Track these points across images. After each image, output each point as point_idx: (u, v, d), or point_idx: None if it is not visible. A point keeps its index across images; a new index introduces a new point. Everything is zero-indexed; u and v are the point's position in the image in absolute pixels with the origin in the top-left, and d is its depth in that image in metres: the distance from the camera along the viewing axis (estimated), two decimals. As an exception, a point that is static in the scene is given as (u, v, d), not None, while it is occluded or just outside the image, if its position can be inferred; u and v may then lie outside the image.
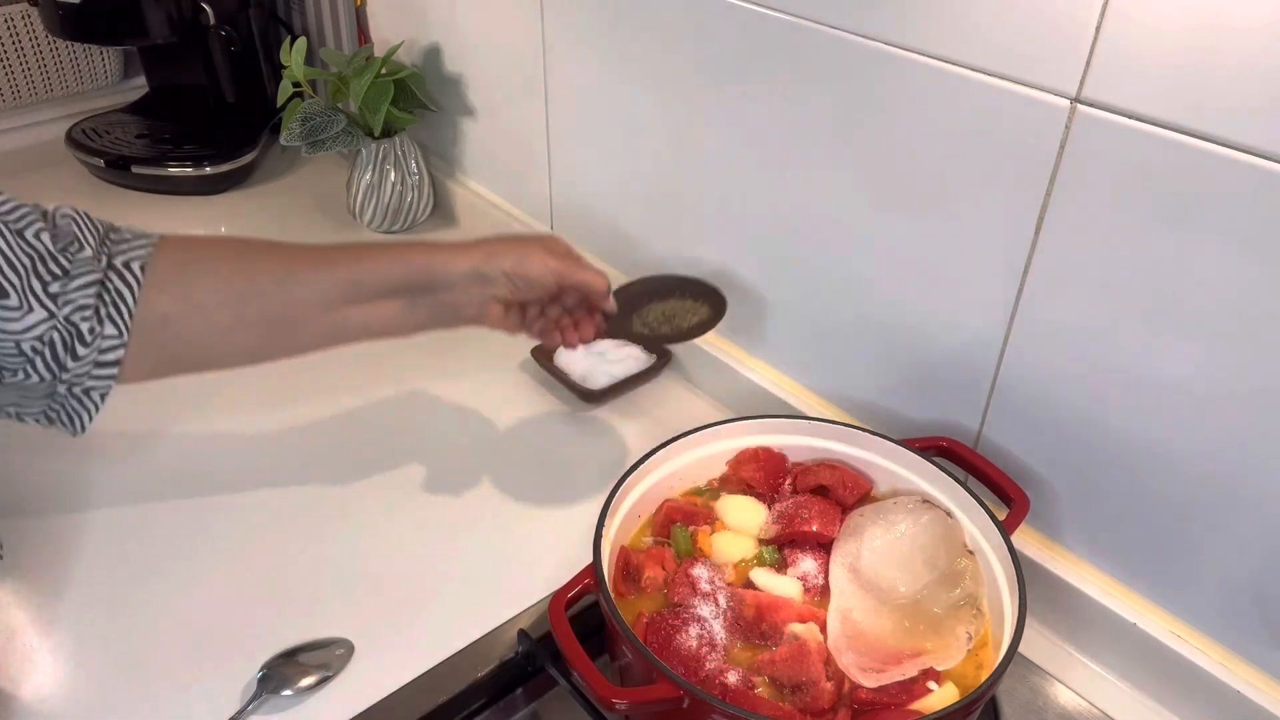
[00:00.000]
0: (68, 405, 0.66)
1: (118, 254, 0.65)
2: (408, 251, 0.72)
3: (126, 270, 0.65)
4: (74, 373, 0.63)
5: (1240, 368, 0.58)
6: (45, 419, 0.66)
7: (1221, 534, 0.63)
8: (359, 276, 0.69)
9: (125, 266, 0.65)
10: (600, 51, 0.93)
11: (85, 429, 0.67)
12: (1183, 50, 0.54)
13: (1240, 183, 0.54)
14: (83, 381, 0.64)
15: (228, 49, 1.27)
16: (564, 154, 1.05)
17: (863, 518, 0.70)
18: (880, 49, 0.68)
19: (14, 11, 1.33)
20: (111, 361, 0.64)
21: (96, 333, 0.63)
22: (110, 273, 0.64)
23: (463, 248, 0.72)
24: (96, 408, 0.67)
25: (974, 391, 0.73)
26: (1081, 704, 0.69)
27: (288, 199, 1.31)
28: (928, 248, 0.72)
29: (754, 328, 0.91)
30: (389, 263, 0.71)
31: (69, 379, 0.64)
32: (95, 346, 0.63)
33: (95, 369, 0.64)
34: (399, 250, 0.73)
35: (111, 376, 0.65)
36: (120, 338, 0.64)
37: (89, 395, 0.66)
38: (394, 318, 0.71)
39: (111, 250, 0.65)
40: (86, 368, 0.64)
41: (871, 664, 0.61)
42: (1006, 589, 0.63)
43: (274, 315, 0.69)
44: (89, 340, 0.63)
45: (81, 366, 0.63)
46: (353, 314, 0.70)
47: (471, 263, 0.70)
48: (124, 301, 0.64)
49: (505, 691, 0.70)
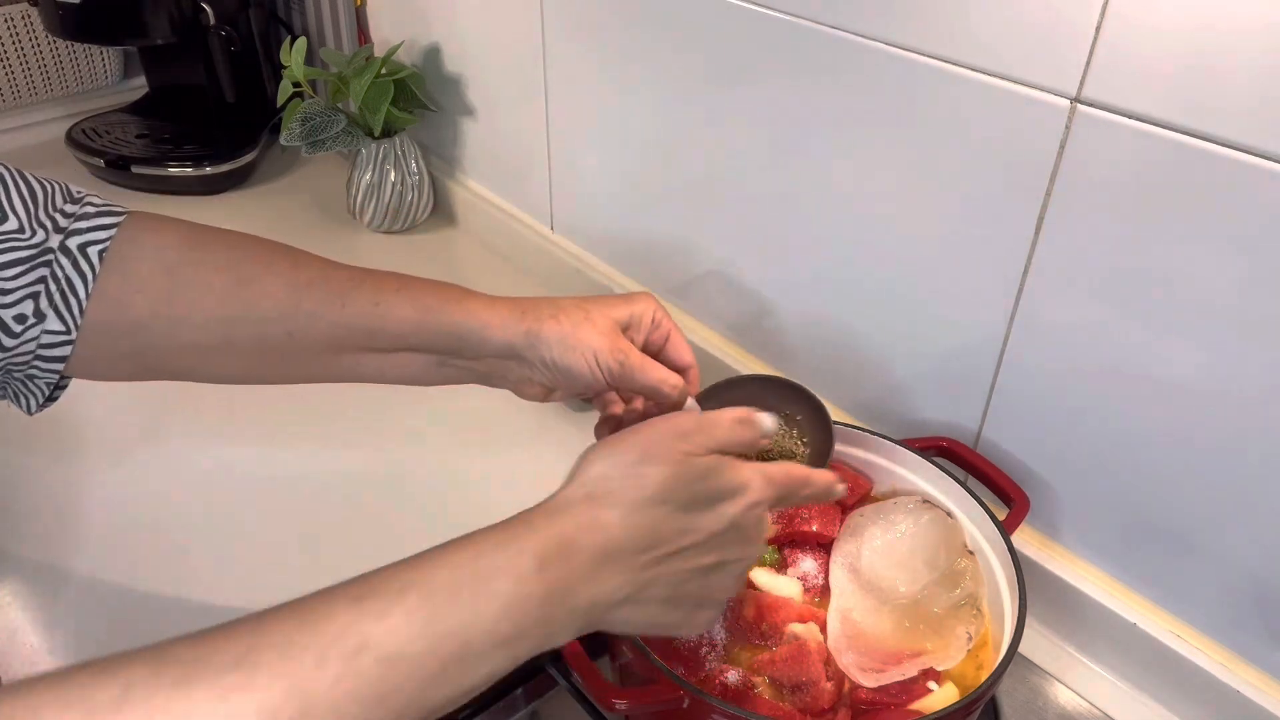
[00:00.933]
0: (11, 385, 0.58)
1: (74, 233, 0.55)
2: (437, 306, 0.59)
3: (81, 255, 0.55)
4: (9, 360, 0.55)
5: (1240, 367, 0.58)
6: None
7: (1222, 534, 0.63)
8: (374, 326, 0.59)
9: (81, 251, 0.55)
10: (600, 51, 0.93)
11: (35, 411, 0.60)
12: (1183, 50, 0.54)
13: (1240, 183, 0.54)
14: (24, 369, 0.56)
15: (228, 49, 1.27)
16: (564, 154, 1.05)
17: (863, 518, 0.70)
18: (880, 49, 0.68)
19: (14, 11, 1.33)
20: (58, 357, 0.56)
21: (29, 322, 0.54)
22: (62, 255, 0.55)
23: (501, 314, 0.59)
24: (44, 395, 0.59)
25: (974, 391, 0.73)
26: (1081, 704, 0.69)
27: (288, 199, 1.31)
28: (927, 247, 0.72)
29: (753, 327, 0.91)
30: (414, 318, 0.59)
31: (4, 363, 0.55)
32: (31, 339, 0.55)
33: (37, 361, 0.56)
34: (427, 302, 0.59)
35: (57, 371, 0.57)
36: (67, 334, 0.55)
37: (32, 382, 0.58)
38: (417, 372, 0.62)
39: (67, 226, 0.55)
40: (25, 358, 0.55)
41: (871, 664, 0.61)
42: (1006, 589, 0.63)
43: (270, 345, 0.59)
44: (16, 331, 0.54)
45: (17, 356, 0.55)
46: (366, 360, 0.61)
47: (508, 338, 0.59)
48: (73, 293, 0.55)
49: (505, 691, 0.70)
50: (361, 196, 1.20)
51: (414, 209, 1.22)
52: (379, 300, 0.59)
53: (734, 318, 0.92)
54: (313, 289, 0.59)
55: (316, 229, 1.24)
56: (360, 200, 1.20)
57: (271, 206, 1.30)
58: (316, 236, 1.23)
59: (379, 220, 1.21)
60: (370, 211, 1.21)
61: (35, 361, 0.56)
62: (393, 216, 1.21)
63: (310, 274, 0.59)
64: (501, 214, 1.17)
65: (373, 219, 1.21)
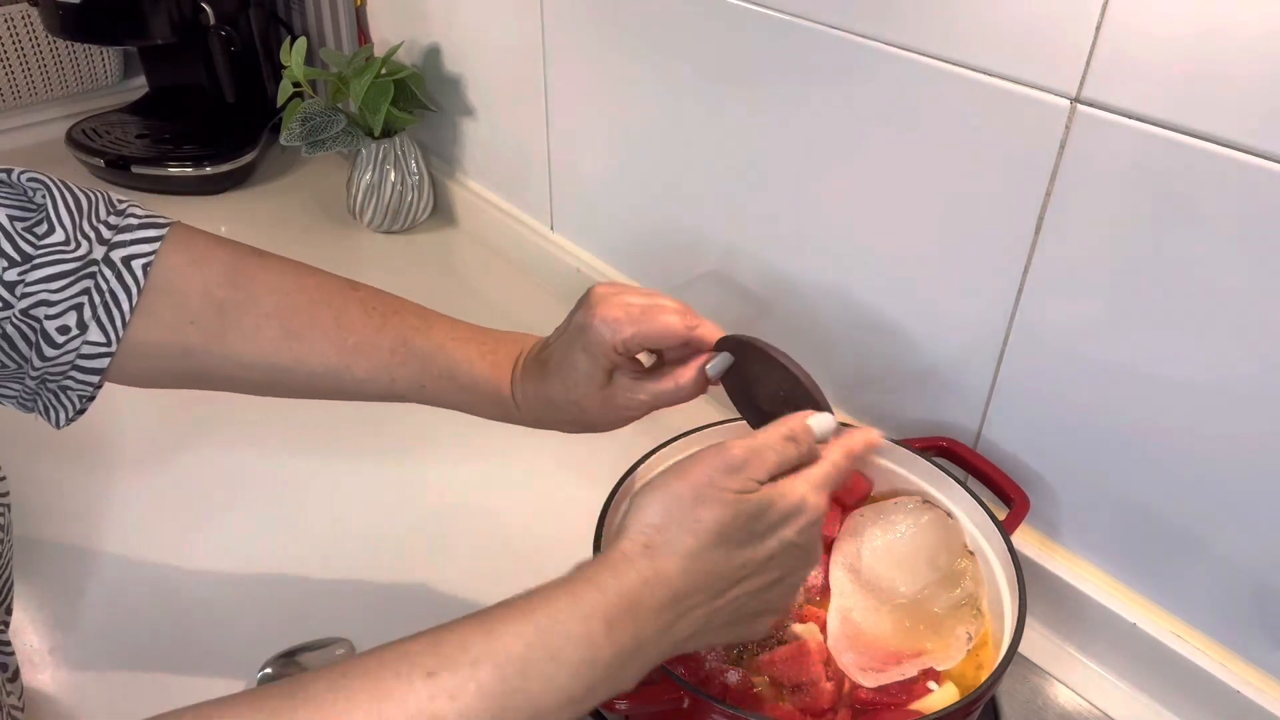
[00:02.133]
0: (42, 398, 0.58)
1: (117, 245, 0.56)
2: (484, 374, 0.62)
3: (125, 269, 0.55)
4: (46, 370, 0.56)
5: (1240, 367, 0.58)
6: (20, 405, 0.59)
7: (1222, 533, 0.63)
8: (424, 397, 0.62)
9: (125, 264, 0.55)
10: (600, 51, 0.93)
11: (64, 425, 0.60)
12: (1183, 50, 0.54)
13: (1240, 183, 0.54)
14: (59, 380, 0.57)
15: (228, 49, 1.27)
16: (564, 154, 1.05)
17: (863, 518, 0.70)
18: (881, 49, 0.68)
19: (14, 11, 1.33)
20: (96, 369, 0.56)
21: (72, 333, 0.55)
22: (105, 267, 0.55)
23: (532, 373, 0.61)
24: (75, 408, 0.59)
25: (974, 391, 0.73)
26: (1081, 704, 0.69)
27: (288, 199, 1.31)
28: (928, 247, 0.72)
29: (753, 327, 0.91)
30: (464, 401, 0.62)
31: (40, 374, 0.56)
32: (72, 350, 0.55)
33: (74, 371, 0.56)
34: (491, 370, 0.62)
35: (94, 384, 0.57)
36: (108, 345, 0.56)
37: (65, 394, 0.58)
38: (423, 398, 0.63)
39: (110, 239, 0.56)
40: (63, 368, 0.56)
41: (871, 664, 0.61)
42: (1006, 589, 0.63)
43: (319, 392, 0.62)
44: (59, 342, 0.54)
45: (55, 366, 0.56)
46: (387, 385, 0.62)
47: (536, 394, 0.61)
48: (117, 306, 0.55)
49: (505, 691, 0.70)
50: (361, 196, 1.20)
51: (414, 209, 1.22)
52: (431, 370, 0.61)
53: (734, 318, 0.92)
54: (360, 356, 0.60)
55: (316, 229, 1.24)
56: (360, 200, 1.20)
57: (271, 206, 1.30)
58: (316, 236, 1.23)
59: (379, 220, 1.21)
60: (370, 211, 1.21)
61: (72, 372, 0.56)
62: (393, 216, 1.21)
63: (356, 338, 0.60)
64: (501, 214, 1.17)
65: (373, 219, 1.21)
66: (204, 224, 0.61)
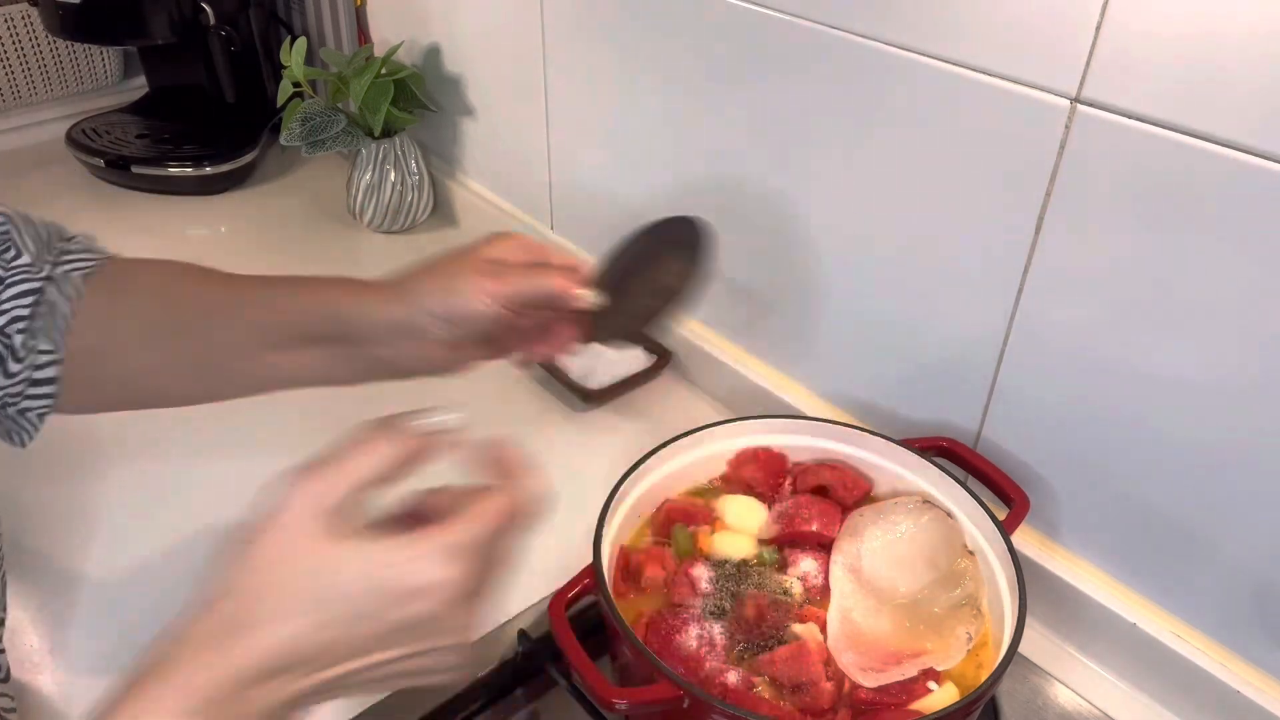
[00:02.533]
0: (2, 423, 0.60)
1: (62, 263, 0.60)
2: (320, 295, 0.61)
3: (66, 281, 0.59)
4: (7, 390, 0.58)
5: (1240, 367, 0.58)
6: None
7: (1222, 533, 0.63)
8: (265, 320, 0.61)
9: (65, 278, 0.59)
10: (600, 51, 0.93)
11: (27, 444, 0.62)
12: (1183, 50, 0.54)
13: (1240, 183, 0.54)
14: (17, 401, 0.59)
15: (228, 49, 1.27)
16: (564, 154, 1.05)
17: (863, 518, 0.70)
18: (880, 49, 0.68)
19: (14, 11, 1.33)
20: (47, 379, 0.59)
21: (30, 347, 0.57)
22: (48, 284, 0.58)
23: (382, 292, 0.59)
24: (35, 429, 0.61)
25: (974, 391, 0.73)
26: (1081, 704, 0.69)
27: (288, 199, 1.31)
28: (928, 247, 0.72)
29: (754, 327, 0.91)
30: (297, 308, 0.61)
31: (1, 397, 0.58)
32: (28, 363, 0.58)
33: (30, 388, 0.58)
34: (311, 293, 0.61)
35: (48, 396, 0.59)
36: (54, 353, 0.58)
37: (25, 416, 0.60)
38: (322, 369, 0.62)
39: (57, 259, 0.60)
40: (20, 386, 0.58)
41: (871, 664, 0.61)
42: (1006, 589, 0.63)
43: (197, 359, 0.62)
44: (21, 355, 0.57)
45: (15, 385, 0.58)
46: (278, 360, 0.61)
47: (390, 314, 0.58)
48: (58, 313, 0.58)
49: (505, 691, 0.70)
50: (361, 196, 1.20)
51: (414, 209, 1.22)
52: (274, 297, 0.61)
53: (733, 318, 0.93)
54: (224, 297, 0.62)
55: (316, 229, 1.24)
56: (360, 200, 1.20)
57: (271, 206, 1.29)
58: (316, 236, 1.23)
59: (379, 220, 1.21)
60: (370, 211, 1.21)
61: (30, 390, 0.59)
62: (393, 216, 1.21)
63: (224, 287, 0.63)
64: (501, 214, 1.17)
65: (373, 219, 1.21)
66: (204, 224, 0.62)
